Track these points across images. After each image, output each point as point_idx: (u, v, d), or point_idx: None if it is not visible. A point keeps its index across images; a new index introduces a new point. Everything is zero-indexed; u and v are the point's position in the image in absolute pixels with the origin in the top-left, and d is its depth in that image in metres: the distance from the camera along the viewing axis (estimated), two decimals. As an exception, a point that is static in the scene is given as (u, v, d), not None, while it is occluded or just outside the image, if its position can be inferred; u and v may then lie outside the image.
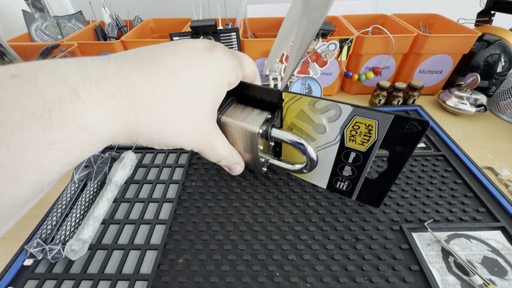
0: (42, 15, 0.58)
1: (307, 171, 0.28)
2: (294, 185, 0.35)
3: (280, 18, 0.65)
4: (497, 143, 0.45)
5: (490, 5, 0.56)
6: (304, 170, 0.28)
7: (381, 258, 0.27)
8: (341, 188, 0.29)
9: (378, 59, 0.54)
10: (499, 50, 0.52)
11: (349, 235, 0.29)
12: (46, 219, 0.31)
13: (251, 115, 0.26)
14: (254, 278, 0.26)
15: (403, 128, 0.21)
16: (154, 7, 0.81)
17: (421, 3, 0.79)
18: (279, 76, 0.53)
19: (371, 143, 0.23)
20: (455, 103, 0.51)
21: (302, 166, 0.28)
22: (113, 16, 0.63)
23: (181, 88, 0.18)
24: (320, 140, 0.26)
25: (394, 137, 0.22)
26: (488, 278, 0.25)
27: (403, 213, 0.31)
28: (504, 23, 0.56)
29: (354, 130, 0.23)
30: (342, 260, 0.27)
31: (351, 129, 0.23)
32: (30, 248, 0.27)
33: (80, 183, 0.35)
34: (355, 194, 0.29)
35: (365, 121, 0.22)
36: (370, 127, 0.22)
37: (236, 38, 0.51)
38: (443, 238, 0.29)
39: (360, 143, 0.24)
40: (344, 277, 0.26)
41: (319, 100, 0.24)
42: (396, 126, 0.21)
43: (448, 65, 0.54)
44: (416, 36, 0.51)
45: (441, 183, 0.35)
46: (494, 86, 0.55)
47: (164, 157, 0.41)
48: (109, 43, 0.52)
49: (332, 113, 0.24)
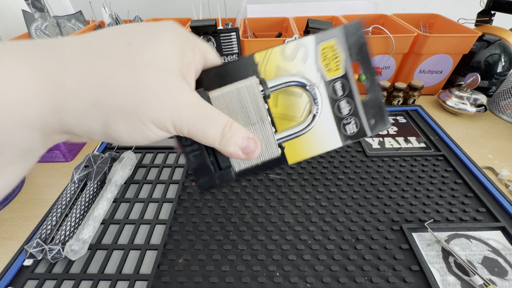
0: (42, 15, 0.58)
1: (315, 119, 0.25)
2: (294, 185, 0.35)
3: (280, 18, 0.65)
4: (497, 143, 0.45)
5: (490, 5, 0.56)
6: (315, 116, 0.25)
7: (381, 258, 0.27)
8: (353, 132, 0.26)
9: (378, 59, 0.54)
10: (499, 50, 0.52)
11: (349, 235, 0.29)
12: (46, 219, 0.31)
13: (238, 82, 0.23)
14: (254, 278, 0.26)
15: (354, 34, 0.24)
16: (154, 7, 0.81)
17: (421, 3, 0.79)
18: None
19: (343, 63, 0.24)
20: (455, 103, 0.51)
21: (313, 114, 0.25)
22: (113, 16, 0.63)
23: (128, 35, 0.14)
24: None
25: (353, 46, 0.24)
26: (488, 278, 0.25)
27: (403, 213, 0.31)
28: (504, 23, 0.56)
29: (326, 59, 0.24)
30: (342, 260, 0.27)
31: (323, 59, 0.24)
32: (30, 248, 0.27)
33: (80, 183, 0.35)
34: (367, 129, 0.26)
35: (327, 44, 0.24)
36: (334, 48, 0.24)
37: (236, 38, 0.51)
38: (443, 238, 0.29)
39: (336, 69, 0.25)
40: (344, 277, 0.26)
41: (286, 45, 0.23)
42: (349, 35, 0.24)
43: (448, 65, 0.54)
44: (416, 36, 0.51)
45: (441, 183, 0.35)
46: (494, 86, 0.55)
47: (164, 157, 0.41)
48: (109, 43, 0.52)
49: (303, 52, 0.23)
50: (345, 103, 0.26)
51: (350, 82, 0.25)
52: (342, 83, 0.25)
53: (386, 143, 0.42)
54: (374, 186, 0.35)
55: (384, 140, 0.43)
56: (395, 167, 0.37)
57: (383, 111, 0.26)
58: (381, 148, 0.41)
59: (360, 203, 0.32)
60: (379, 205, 0.32)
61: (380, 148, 0.41)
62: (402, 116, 0.49)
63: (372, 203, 0.32)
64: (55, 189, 0.39)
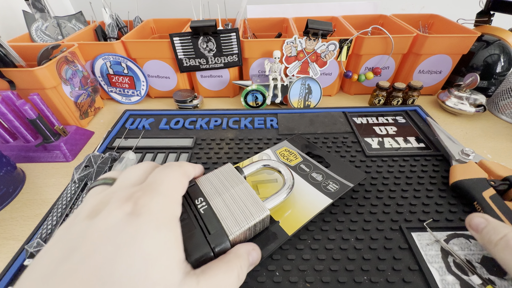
0: (42, 16, 0.58)
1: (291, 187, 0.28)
2: (294, 185, 0.35)
3: (280, 19, 0.65)
4: (497, 143, 0.45)
5: (489, 5, 0.56)
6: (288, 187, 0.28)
7: (380, 258, 0.27)
8: (336, 189, 0.31)
9: (377, 60, 0.54)
10: (499, 50, 0.53)
11: (349, 235, 0.29)
12: (47, 219, 0.31)
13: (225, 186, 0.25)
14: (254, 278, 0.26)
15: (297, 141, 0.37)
16: (154, 7, 0.81)
17: (421, 4, 0.79)
18: (279, 76, 0.53)
19: (299, 154, 0.34)
20: (454, 103, 0.51)
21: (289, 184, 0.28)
22: (113, 17, 0.63)
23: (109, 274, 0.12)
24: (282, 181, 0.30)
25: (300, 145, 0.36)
26: (487, 278, 0.25)
27: (402, 213, 0.31)
28: (504, 23, 0.56)
29: (284, 157, 0.34)
30: (342, 260, 0.27)
31: (282, 157, 0.34)
32: (31, 248, 0.27)
33: (80, 183, 0.35)
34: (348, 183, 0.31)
35: (281, 149, 0.35)
36: (287, 149, 0.35)
37: (236, 38, 0.52)
38: (443, 237, 0.29)
39: (295, 158, 0.33)
40: (344, 276, 0.26)
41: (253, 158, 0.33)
42: (293, 142, 0.37)
43: (448, 65, 0.54)
44: (416, 36, 0.51)
45: (441, 183, 0.35)
46: (494, 86, 0.55)
47: (164, 157, 0.41)
48: (109, 44, 0.52)
49: (266, 157, 0.32)
50: (316, 173, 0.31)
51: (311, 163, 0.32)
52: (305, 164, 0.32)
53: (386, 143, 0.42)
54: (373, 186, 0.35)
55: (384, 140, 0.43)
56: (395, 167, 0.38)
57: (352, 169, 0.32)
58: (380, 148, 0.41)
59: (360, 203, 0.32)
60: (378, 204, 0.32)
61: (379, 148, 0.41)
62: (402, 116, 0.49)
63: (372, 203, 0.33)
64: (56, 189, 0.39)
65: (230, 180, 0.24)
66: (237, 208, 0.22)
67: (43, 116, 0.42)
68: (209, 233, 0.20)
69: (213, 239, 0.20)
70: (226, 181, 0.24)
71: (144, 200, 0.15)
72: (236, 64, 0.55)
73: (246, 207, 0.22)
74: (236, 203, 0.23)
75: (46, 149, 0.43)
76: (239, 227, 0.21)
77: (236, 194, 0.23)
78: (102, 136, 0.49)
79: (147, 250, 0.13)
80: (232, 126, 0.47)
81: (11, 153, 0.43)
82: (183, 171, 0.20)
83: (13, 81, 0.43)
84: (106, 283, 0.12)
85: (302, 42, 0.52)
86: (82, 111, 0.52)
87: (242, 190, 0.24)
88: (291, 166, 0.31)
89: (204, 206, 0.22)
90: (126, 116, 0.51)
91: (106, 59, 0.54)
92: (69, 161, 0.44)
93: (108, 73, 0.56)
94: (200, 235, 0.20)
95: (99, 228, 0.14)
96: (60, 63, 0.46)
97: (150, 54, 0.54)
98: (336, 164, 0.32)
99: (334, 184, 0.30)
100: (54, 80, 0.45)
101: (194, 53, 0.53)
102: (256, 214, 0.22)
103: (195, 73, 0.57)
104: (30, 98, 0.41)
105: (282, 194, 0.26)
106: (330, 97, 0.61)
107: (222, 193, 0.23)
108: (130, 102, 0.60)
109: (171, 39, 0.51)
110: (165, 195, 0.16)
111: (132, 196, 0.15)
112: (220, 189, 0.23)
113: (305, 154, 0.32)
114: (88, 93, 0.53)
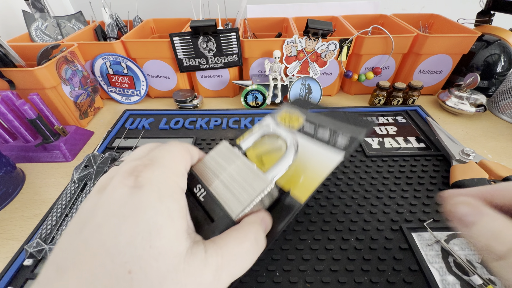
0: (42, 15, 0.58)
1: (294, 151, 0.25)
2: (294, 185, 0.35)
3: (280, 18, 0.65)
4: (497, 143, 0.45)
5: (490, 5, 0.56)
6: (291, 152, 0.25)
7: (381, 258, 0.27)
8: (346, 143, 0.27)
9: (377, 59, 0.54)
10: (499, 50, 0.53)
11: (349, 235, 0.29)
12: (46, 219, 0.31)
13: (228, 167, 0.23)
14: (253, 278, 0.26)
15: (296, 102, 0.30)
16: (154, 7, 0.81)
17: (421, 3, 0.79)
18: (279, 76, 0.53)
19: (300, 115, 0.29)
20: (454, 103, 0.51)
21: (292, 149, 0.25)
22: (113, 16, 0.63)
23: (126, 257, 0.13)
24: None
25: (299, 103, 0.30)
26: (488, 278, 0.25)
27: (402, 213, 0.31)
28: (504, 23, 0.56)
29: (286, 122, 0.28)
30: (342, 260, 0.27)
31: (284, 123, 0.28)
32: (30, 248, 0.27)
33: (80, 183, 0.35)
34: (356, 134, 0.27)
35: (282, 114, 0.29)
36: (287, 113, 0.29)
37: (236, 38, 0.52)
38: (443, 238, 0.29)
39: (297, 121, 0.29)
40: (344, 277, 0.26)
41: (252, 129, 0.27)
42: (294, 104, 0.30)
43: (448, 65, 0.54)
44: (416, 36, 0.51)
45: (441, 183, 0.35)
46: (494, 86, 0.55)
47: (164, 157, 0.41)
48: (109, 43, 0.52)
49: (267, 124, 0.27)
50: (322, 131, 0.28)
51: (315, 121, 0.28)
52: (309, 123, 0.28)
53: (386, 143, 0.42)
54: (373, 186, 0.35)
55: (384, 140, 0.43)
56: (395, 167, 0.37)
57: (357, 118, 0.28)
58: (380, 148, 0.41)
59: (360, 203, 0.32)
60: (378, 204, 0.32)
61: (379, 148, 0.41)
62: (402, 116, 0.49)
63: (372, 203, 0.32)
64: (55, 189, 0.39)
65: (226, 158, 0.23)
66: (237, 187, 0.21)
67: (43, 116, 0.42)
68: (212, 221, 0.19)
69: (217, 226, 0.19)
70: (223, 161, 0.23)
71: (146, 173, 0.15)
72: (236, 64, 0.55)
73: (247, 184, 0.21)
74: (236, 181, 0.21)
75: (46, 149, 0.43)
76: (243, 206, 0.20)
77: (234, 172, 0.22)
78: (102, 136, 0.49)
79: (150, 221, 0.14)
80: (232, 126, 0.47)
81: (11, 153, 0.43)
82: (185, 147, 0.20)
83: (13, 81, 0.43)
84: (112, 254, 0.13)
85: (302, 42, 0.52)
86: (81, 111, 0.52)
87: (240, 166, 0.22)
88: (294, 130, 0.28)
89: (203, 193, 0.21)
90: (126, 116, 0.51)
91: (106, 59, 0.54)
92: (69, 161, 0.44)
93: (108, 73, 0.56)
94: (207, 224, 0.19)
95: (106, 202, 0.15)
96: (60, 63, 0.46)
97: (150, 54, 0.54)
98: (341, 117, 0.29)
99: (343, 138, 0.26)
100: (54, 80, 0.45)
101: (194, 53, 0.53)
102: (259, 189, 0.20)
103: (195, 73, 0.57)
104: (30, 98, 0.41)
105: (285, 161, 0.24)
106: (330, 97, 0.61)
107: (219, 175, 0.22)
108: (130, 102, 0.60)
109: (171, 39, 0.51)
110: (166, 167, 0.17)
111: (135, 170, 0.16)
112: (217, 171, 0.22)
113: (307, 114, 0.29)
114: (88, 93, 0.53)
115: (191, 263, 0.14)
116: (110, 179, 0.16)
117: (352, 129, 0.27)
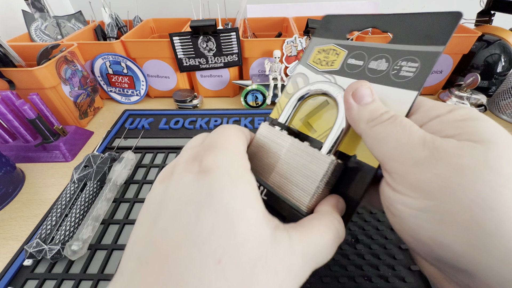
0: (42, 15, 0.58)
1: None
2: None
3: (280, 18, 0.65)
4: (497, 143, 0.45)
5: (490, 5, 0.56)
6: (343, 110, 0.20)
7: (380, 258, 0.27)
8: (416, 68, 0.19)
9: (378, 59, 0.54)
10: (499, 50, 0.52)
11: (349, 235, 0.29)
12: (46, 219, 0.31)
13: None
14: None
15: None
16: (154, 7, 0.81)
17: (421, 3, 0.79)
18: (279, 76, 0.53)
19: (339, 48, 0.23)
20: (455, 103, 0.51)
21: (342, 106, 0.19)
22: (113, 16, 0.63)
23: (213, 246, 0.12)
24: None
25: None
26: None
27: (403, 213, 0.31)
28: (504, 23, 0.56)
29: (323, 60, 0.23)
30: (341, 260, 0.27)
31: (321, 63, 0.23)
32: (30, 248, 0.27)
33: (80, 183, 0.35)
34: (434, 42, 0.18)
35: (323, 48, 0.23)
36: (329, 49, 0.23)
37: (236, 38, 0.51)
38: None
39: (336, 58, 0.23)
40: (343, 277, 0.26)
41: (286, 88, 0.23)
42: None
43: (448, 65, 0.54)
44: (416, 36, 0.51)
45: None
46: (494, 86, 0.55)
47: (164, 157, 0.41)
48: (108, 43, 0.52)
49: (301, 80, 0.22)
50: (376, 61, 0.21)
51: (363, 48, 0.22)
52: (354, 55, 0.22)
53: (386, 143, 0.42)
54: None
55: (384, 140, 0.43)
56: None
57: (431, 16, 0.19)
58: (380, 148, 0.41)
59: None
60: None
61: (379, 148, 0.41)
62: (402, 116, 0.48)
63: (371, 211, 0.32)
64: (55, 189, 0.39)
65: (274, 144, 0.20)
66: (297, 174, 0.18)
67: (43, 116, 0.42)
68: (285, 218, 0.18)
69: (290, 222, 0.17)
70: (271, 148, 0.20)
71: (209, 156, 0.15)
72: (236, 64, 0.55)
73: (306, 168, 0.18)
74: (293, 169, 0.19)
75: (46, 149, 0.43)
76: (308, 194, 0.18)
77: (288, 158, 0.19)
78: (102, 136, 0.49)
79: (228, 206, 0.13)
80: (232, 126, 0.47)
81: (11, 153, 0.43)
82: (238, 128, 0.19)
83: (13, 81, 0.43)
84: (197, 244, 0.12)
85: (303, 42, 0.52)
86: (81, 111, 0.52)
87: (291, 151, 0.19)
88: (335, 71, 0.22)
89: (263, 191, 0.19)
90: (126, 116, 0.51)
91: (105, 58, 0.54)
92: (69, 161, 0.44)
93: (108, 73, 0.56)
94: None
95: (175, 191, 0.14)
96: (60, 62, 0.46)
97: (149, 53, 0.54)
98: (402, 27, 0.21)
99: (411, 62, 0.18)
100: (54, 80, 0.45)
101: (194, 53, 0.53)
102: (321, 171, 0.17)
103: (195, 73, 0.57)
104: (30, 98, 0.41)
105: (338, 125, 0.19)
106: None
107: (273, 166, 0.19)
108: (129, 102, 0.60)
109: (170, 38, 0.51)
110: (228, 149, 0.16)
111: (197, 155, 0.15)
112: (269, 162, 0.20)
113: (348, 41, 0.22)
114: (88, 93, 0.53)
115: (278, 248, 0.13)
116: (172, 168, 0.15)
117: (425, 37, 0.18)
